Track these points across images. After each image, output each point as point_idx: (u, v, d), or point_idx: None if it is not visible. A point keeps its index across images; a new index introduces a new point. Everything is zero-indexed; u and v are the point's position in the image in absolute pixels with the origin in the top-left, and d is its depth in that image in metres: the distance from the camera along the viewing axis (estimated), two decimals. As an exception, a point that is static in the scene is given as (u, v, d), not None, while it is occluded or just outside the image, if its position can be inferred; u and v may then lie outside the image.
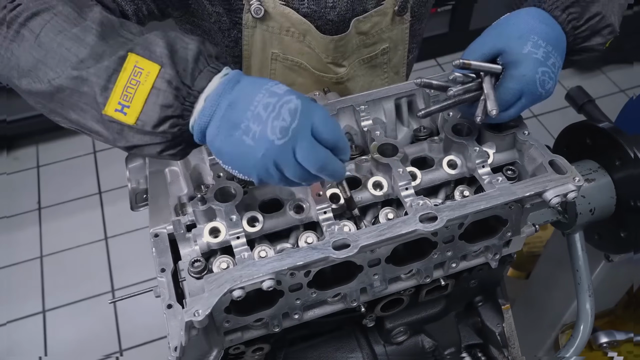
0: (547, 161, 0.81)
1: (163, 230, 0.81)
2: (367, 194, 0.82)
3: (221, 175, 0.82)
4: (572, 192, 0.78)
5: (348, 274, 0.81)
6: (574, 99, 1.35)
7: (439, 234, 0.81)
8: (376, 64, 1.23)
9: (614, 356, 1.39)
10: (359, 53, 1.18)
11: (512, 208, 0.83)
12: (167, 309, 0.72)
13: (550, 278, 1.53)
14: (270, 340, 0.90)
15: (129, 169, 0.93)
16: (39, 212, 2.93)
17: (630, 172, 1.08)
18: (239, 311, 0.78)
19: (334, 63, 1.15)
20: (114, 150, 2.96)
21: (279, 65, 1.15)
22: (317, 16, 1.08)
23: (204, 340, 0.77)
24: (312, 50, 1.12)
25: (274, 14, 1.06)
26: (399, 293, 0.92)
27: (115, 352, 2.41)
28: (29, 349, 2.41)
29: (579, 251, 1.18)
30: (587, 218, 1.12)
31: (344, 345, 1.04)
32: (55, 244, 2.78)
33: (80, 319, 2.50)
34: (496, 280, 1.07)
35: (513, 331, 1.13)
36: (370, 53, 1.19)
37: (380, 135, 0.87)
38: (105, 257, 2.74)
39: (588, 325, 1.17)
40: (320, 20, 1.09)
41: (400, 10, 1.13)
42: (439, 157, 0.86)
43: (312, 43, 1.11)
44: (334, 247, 0.71)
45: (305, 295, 0.79)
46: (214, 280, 0.69)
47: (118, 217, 2.89)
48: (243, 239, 0.75)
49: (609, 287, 1.43)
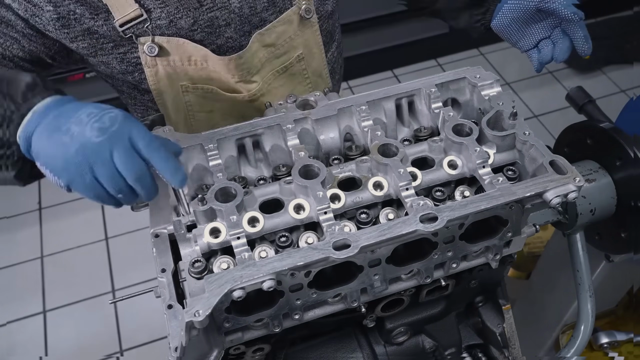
0: (547, 161, 0.81)
1: (164, 230, 0.81)
2: (367, 194, 0.82)
3: (221, 175, 0.82)
4: (572, 193, 0.78)
5: (348, 275, 0.81)
6: (575, 99, 1.35)
7: (440, 235, 0.81)
8: (294, 72, 1.20)
9: (615, 356, 1.39)
10: (270, 65, 1.16)
11: (513, 208, 0.83)
12: (168, 309, 0.72)
13: (551, 278, 1.53)
14: (271, 341, 0.90)
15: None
16: (39, 212, 2.93)
17: (630, 172, 1.08)
18: (240, 311, 0.78)
19: (243, 81, 1.13)
20: (115, 151, 2.85)
21: (191, 96, 1.14)
22: (213, 37, 1.07)
23: (204, 341, 0.77)
24: (217, 74, 1.11)
25: (169, 48, 1.05)
26: (400, 293, 0.92)
27: (116, 353, 2.41)
28: (29, 349, 2.41)
29: (580, 251, 1.18)
30: (587, 218, 1.12)
31: (344, 345, 1.04)
32: (55, 244, 2.78)
33: (80, 319, 2.50)
34: (497, 280, 1.07)
35: (513, 331, 1.13)
36: (283, 63, 1.17)
37: (381, 136, 0.87)
38: (105, 257, 2.74)
39: (589, 325, 1.16)
40: (219, 39, 1.08)
41: (305, 14, 1.11)
42: (439, 157, 0.86)
43: (216, 67, 1.09)
44: (334, 247, 0.71)
45: (306, 295, 0.79)
46: (214, 280, 0.69)
47: (119, 218, 2.89)
48: (243, 239, 0.75)
49: (609, 287, 1.43)
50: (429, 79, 0.94)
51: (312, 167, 0.82)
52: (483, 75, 0.93)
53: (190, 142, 0.85)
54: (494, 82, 0.93)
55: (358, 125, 0.91)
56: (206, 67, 1.09)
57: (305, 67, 1.21)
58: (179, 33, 1.05)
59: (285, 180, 0.83)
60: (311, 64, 1.22)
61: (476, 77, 0.93)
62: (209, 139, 0.86)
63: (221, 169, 0.83)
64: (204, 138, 0.86)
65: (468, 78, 0.93)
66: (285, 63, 1.17)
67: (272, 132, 0.89)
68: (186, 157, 0.85)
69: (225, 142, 0.87)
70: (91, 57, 1.06)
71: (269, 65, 1.15)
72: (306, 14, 1.12)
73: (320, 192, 0.78)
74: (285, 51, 1.15)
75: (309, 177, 0.80)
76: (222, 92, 1.14)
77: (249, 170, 0.91)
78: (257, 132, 0.88)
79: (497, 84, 0.93)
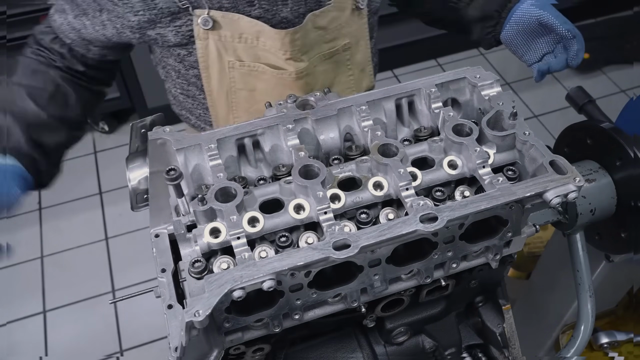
0: (547, 161, 0.81)
1: (164, 230, 0.81)
2: (367, 194, 0.82)
3: (221, 175, 0.82)
4: (572, 193, 0.78)
5: (348, 275, 0.81)
6: (574, 99, 1.35)
7: (440, 235, 0.81)
8: (339, 60, 1.24)
9: (615, 356, 1.39)
10: (318, 48, 1.19)
11: (513, 208, 0.83)
12: (168, 309, 0.72)
13: (551, 278, 1.53)
14: (271, 341, 0.90)
15: (129, 169, 0.93)
16: (39, 212, 2.93)
17: (630, 172, 1.08)
18: (240, 311, 0.78)
19: (293, 59, 1.16)
20: (115, 151, 2.99)
21: (236, 72, 1.17)
22: (269, 15, 1.10)
23: (204, 341, 0.77)
24: (267, 51, 1.13)
25: (223, 23, 1.08)
26: (400, 293, 0.92)
27: (116, 353, 2.41)
28: (29, 349, 2.42)
29: (580, 251, 1.18)
30: (587, 218, 1.12)
31: (344, 345, 1.04)
32: (55, 244, 2.79)
33: (80, 319, 2.51)
34: (497, 280, 1.07)
35: (514, 331, 1.13)
36: (330, 48, 1.20)
37: (381, 136, 0.87)
38: (105, 257, 2.74)
39: (589, 325, 1.16)
40: (274, 19, 1.11)
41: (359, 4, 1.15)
42: (439, 157, 0.86)
43: (266, 43, 1.12)
44: (334, 247, 0.71)
45: (306, 295, 0.79)
46: (214, 280, 0.69)
47: (119, 218, 2.89)
48: (243, 239, 0.75)
49: (609, 287, 1.43)
50: (429, 79, 0.94)
51: (312, 167, 0.82)
52: (483, 75, 0.93)
53: (190, 142, 0.85)
54: (494, 82, 0.92)
55: (358, 125, 0.91)
56: (256, 45, 1.13)
57: (349, 58, 1.25)
58: (237, 7, 1.08)
59: (285, 180, 0.83)
60: (355, 55, 1.26)
61: (476, 77, 0.93)
62: (209, 139, 0.86)
63: (221, 169, 0.83)
64: (204, 138, 0.86)
65: (468, 78, 0.93)
66: (331, 49, 1.21)
67: (272, 132, 0.89)
68: (186, 157, 0.85)
69: (225, 142, 0.87)
70: (150, 29, 1.12)
71: (317, 47, 1.19)
72: (360, 4, 1.17)
73: (320, 192, 0.78)
74: (333, 37, 1.19)
75: (309, 177, 0.80)
76: (269, 68, 1.17)
77: (249, 170, 0.91)
78: (257, 132, 0.88)
79: (497, 84, 0.93)
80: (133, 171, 0.93)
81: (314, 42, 1.17)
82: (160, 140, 0.83)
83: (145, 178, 0.92)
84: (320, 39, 1.17)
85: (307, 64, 1.18)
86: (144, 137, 0.93)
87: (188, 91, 1.30)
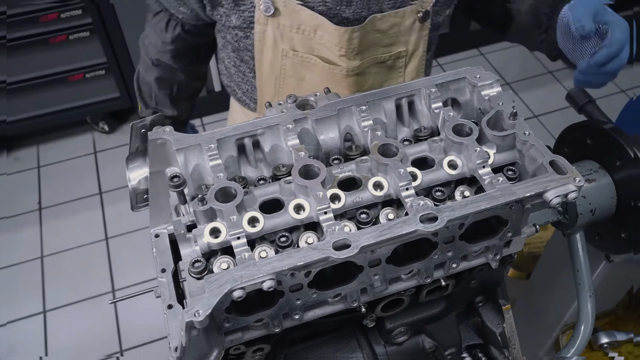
0: (547, 161, 0.81)
1: (163, 230, 0.81)
2: (367, 194, 0.82)
3: (221, 175, 0.82)
4: (572, 193, 0.78)
5: (348, 275, 0.81)
6: (575, 99, 1.35)
7: (440, 235, 0.81)
8: (392, 66, 1.24)
9: (615, 356, 1.39)
10: (374, 51, 1.19)
11: (513, 208, 0.83)
12: (168, 309, 0.72)
13: (551, 278, 1.53)
14: (271, 341, 0.90)
15: (129, 169, 0.93)
16: (39, 212, 2.93)
17: (630, 172, 1.08)
18: (240, 311, 0.78)
19: (347, 56, 1.16)
20: (115, 151, 3.01)
21: (288, 61, 1.18)
22: (332, 13, 1.10)
23: (204, 341, 0.77)
24: (322, 45, 1.13)
25: (284, 12, 1.08)
26: (400, 293, 0.92)
27: (116, 352, 2.41)
28: (29, 349, 2.42)
29: (580, 251, 1.18)
30: (587, 218, 1.12)
31: (344, 345, 1.04)
32: (55, 244, 2.79)
33: (80, 319, 2.51)
34: (497, 280, 1.07)
35: (514, 331, 1.13)
36: (385, 53, 1.20)
37: (381, 136, 0.87)
38: (105, 257, 2.74)
39: (589, 325, 1.16)
40: (336, 17, 1.11)
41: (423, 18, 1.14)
42: (439, 157, 0.86)
43: (323, 37, 1.12)
44: (334, 247, 0.71)
45: (306, 295, 0.79)
46: (214, 280, 0.69)
47: (119, 218, 2.90)
48: (243, 239, 0.75)
49: (609, 287, 1.43)
50: (429, 79, 0.94)
51: (312, 167, 0.82)
52: (483, 75, 0.93)
53: (190, 142, 0.85)
54: (494, 82, 0.92)
55: (358, 125, 0.91)
56: (312, 38, 1.14)
57: (402, 66, 1.25)
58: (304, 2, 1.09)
59: (285, 180, 0.83)
60: (409, 64, 1.26)
61: (476, 77, 0.93)
62: (209, 139, 0.86)
63: (221, 169, 0.83)
64: (204, 138, 0.86)
65: (468, 78, 0.93)
66: (386, 54, 1.21)
67: (272, 132, 0.89)
68: (186, 157, 0.85)
69: (225, 142, 0.87)
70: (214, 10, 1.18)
71: (373, 49, 1.19)
72: (423, 17, 1.17)
73: (320, 192, 0.78)
74: (390, 42, 1.19)
75: (309, 177, 0.80)
76: (322, 62, 1.18)
77: (249, 170, 0.91)
78: (257, 132, 0.88)
79: (497, 84, 0.93)
80: (133, 171, 0.93)
81: (371, 44, 1.18)
82: (160, 140, 0.83)
83: (145, 178, 0.92)
84: (377, 42, 1.18)
85: (360, 63, 1.19)
86: (144, 137, 0.93)
87: (239, 66, 1.34)
